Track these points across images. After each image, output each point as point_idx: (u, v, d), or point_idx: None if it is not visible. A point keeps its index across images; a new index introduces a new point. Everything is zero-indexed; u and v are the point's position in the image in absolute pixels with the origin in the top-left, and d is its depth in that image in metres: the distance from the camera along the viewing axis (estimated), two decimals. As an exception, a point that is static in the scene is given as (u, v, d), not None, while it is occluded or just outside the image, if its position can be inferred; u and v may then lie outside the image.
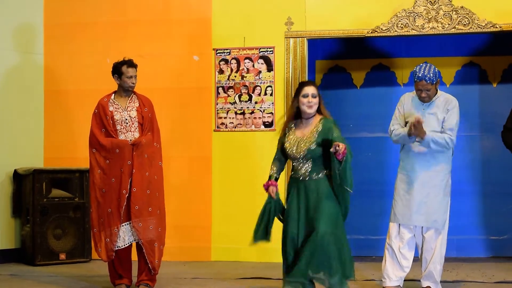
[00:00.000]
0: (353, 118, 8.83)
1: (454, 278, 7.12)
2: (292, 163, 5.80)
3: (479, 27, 7.89)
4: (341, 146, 5.30)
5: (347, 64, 8.93)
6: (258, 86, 8.49)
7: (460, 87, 8.64)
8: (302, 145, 5.61)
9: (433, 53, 8.66)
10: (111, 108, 6.64)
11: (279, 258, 8.10)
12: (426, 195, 6.28)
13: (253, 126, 8.49)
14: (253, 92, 8.51)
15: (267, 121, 8.45)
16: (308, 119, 5.70)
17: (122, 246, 6.56)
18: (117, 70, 6.69)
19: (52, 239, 8.39)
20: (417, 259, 6.53)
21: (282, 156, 5.89)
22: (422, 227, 6.35)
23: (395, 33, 8.09)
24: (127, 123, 6.62)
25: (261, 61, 8.51)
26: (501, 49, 8.57)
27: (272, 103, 8.43)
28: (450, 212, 6.43)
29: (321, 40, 8.51)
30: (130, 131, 6.62)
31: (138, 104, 6.71)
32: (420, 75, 6.19)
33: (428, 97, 6.28)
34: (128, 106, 6.68)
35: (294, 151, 5.67)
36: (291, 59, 8.36)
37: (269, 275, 7.46)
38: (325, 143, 5.54)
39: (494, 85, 8.68)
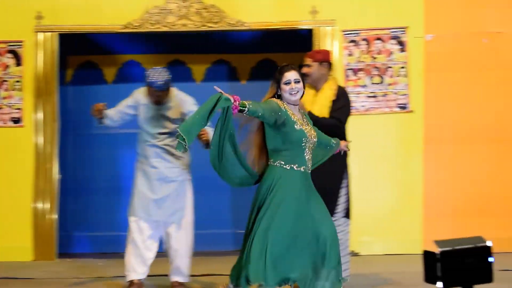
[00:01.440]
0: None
1: (202, 272, 7.23)
2: (289, 151, 4.96)
3: (229, 25, 8.28)
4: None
5: (99, 59, 8.97)
6: (6, 81, 8.31)
7: (211, 84, 8.99)
8: (310, 132, 5.03)
9: (185, 50, 8.96)
10: None
11: (25, 257, 8.00)
12: (166, 189, 6.36)
13: (1, 122, 8.28)
14: (0, 87, 8.32)
15: (15, 117, 8.28)
16: (295, 106, 5.07)
17: None
18: None
19: None
20: (163, 254, 6.58)
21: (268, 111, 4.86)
22: (166, 221, 6.39)
23: (147, 29, 8.27)
24: None
25: (9, 55, 8.32)
26: (251, 47, 9.03)
27: (21, 98, 8.28)
28: (197, 207, 6.56)
29: (73, 35, 8.45)
30: None
31: None
32: (152, 80, 6.19)
33: (161, 100, 6.32)
34: None
35: (306, 139, 4.99)
36: (41, 54, 8.27)
37: (15, 274, 7.36)
38: None
39: (243, 82, 9.16)
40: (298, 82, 5.00)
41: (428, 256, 3.46)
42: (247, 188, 5.14)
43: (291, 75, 5.00)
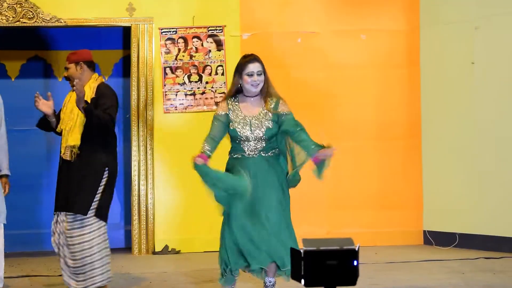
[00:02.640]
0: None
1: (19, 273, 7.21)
2: (236, 143, 5.31)
3: (44, 21, 8.20)
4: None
5: None
6: None
7: (26, 81, 8.89)
8: (256, 125, 5.22)
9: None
10: None
11: None
12: None
13: None
14: None
15: None
16: (253, 97, 5.27)
17: None
18: None
19: None
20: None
21: (218, 134, 5.34)
22: None
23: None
24: None
25: None
26: (67, 44, 8.96)
27: None
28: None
29: None
30: None
31: None
32: None
33: None
34: None
35: (247, 132, 5.22)
36: None
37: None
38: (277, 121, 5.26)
39: (60, 79, 9.05)
40: (260, 74, 5.18)
41: (294, 253, 3.56)
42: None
43: (254, 66, 5.18)
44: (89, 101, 5.83)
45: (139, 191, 8.36)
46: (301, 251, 3.48)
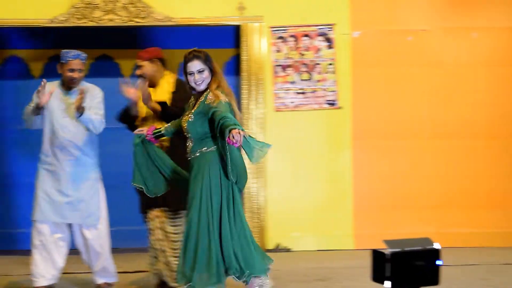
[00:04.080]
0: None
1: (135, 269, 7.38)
2: None
3: (157, 21, 8.38)
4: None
5: (26, 54, 8.93)
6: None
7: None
8: (185, 119, 5.33)
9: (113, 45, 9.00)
10: None
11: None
12: (76, 191, 6.28)
13: None
14: None
15: None
16: (201, 93, 5.27)
17: None
18: None
19: None
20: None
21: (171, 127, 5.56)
22: (81, 224, 6.35)
23: (73, 24, 8.31)
24: None
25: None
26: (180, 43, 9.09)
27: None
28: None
29: (-2, 29, 8.47)
30: None
31: None
32: (74, 53, 6.27)
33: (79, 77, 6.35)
34: None
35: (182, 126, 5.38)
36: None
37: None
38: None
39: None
40: (202, 71, 5.15)
41: (377, 255, 3.56)
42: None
43: (193, 65, 5.16)
44: (169, 96, 6.18)
45: (250, 189, 8.47)
46: (386, 252, 3.48)
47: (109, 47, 8.94)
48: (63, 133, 6.25)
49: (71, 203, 6.27)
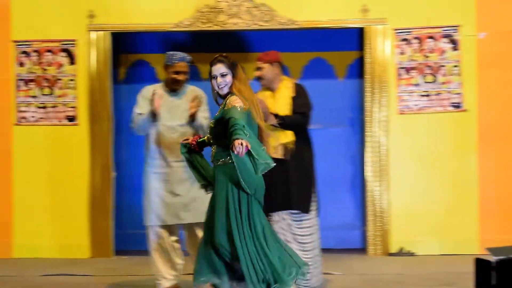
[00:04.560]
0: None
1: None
2: None
3: (280, 24, 8.48)
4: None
5: (151, 58, 9.18)
6: (60, 79, 8.56)
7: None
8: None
9: (235, 49, 9.12)
10: None
11: (82, 254, 8.29)
12: (188, 190, 6.36)
13: (55, 120, 8.55)
14: (54, 86, 8.56)
15: (70, 115, 8.55)
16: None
17: None
18: None
19: None
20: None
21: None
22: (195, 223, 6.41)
23: (198, 28, 8.50)
24: None
25: (63, 54, 8.57)
26: (301, 46, 9.17)
27: (75, 96, 8.53)
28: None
29: (125, 34, 8.73)
30: None
31: None
32: (180, 56, 6.40)
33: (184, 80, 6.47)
34: None
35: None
36: (93, 53, 8.53)
37: (73, 271, 7.61)
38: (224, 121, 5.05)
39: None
40: (225, 75, 5.11)
41: (481, 264, 3.42)
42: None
43: (216, 69, 5.13)
44: (289, 101, 6.24)
45: (373, 192, 8.46)
46: (492, 260, 3.30)
47: (232, 51, 9.06)
48: (171, 134, 6.37)
49: (184, 204, 6.38)
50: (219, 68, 5.11)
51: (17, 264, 8.16)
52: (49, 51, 8.56)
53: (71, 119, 8.53)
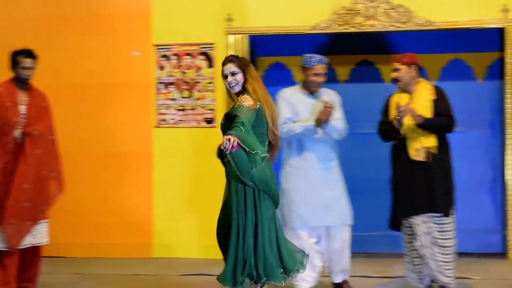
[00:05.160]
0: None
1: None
2: None
3: (418, 25, 8.41)
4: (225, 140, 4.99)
5: (288, 60, 9.29)
6: (199, 82, 8.74)
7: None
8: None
9: (372, 50, 9.13)
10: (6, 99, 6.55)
11: (219, 254, 8.42)
12: (331, 191, 6.46)
13: (194, 122, 8.72)
14: (193, 89, 8.74)
15: (208, 118, 8.71)
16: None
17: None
18: (13, 59, 6.62)
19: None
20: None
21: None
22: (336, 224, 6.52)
23: (334, 30, 8.53)
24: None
25: (201, 57, 8.76)
26: (439, 47, 9.09)
27: (213, 99, 8.70)
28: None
29: (261, 37, 8.85)
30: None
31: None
32: (319, 58, 6.51)
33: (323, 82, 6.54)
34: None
35: None
36: (231, 56, 8.67)
37: (212, 271, 7.70)
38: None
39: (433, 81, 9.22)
40: (235, 74, 5.32)
41: None
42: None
43: (227, 68, 5.35)
44: (429, 104, 6.24)
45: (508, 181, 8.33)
46: None
47: (369, 53, 9.08)
48: (319, 132, 6.43)
49: (327, 205, 6.45)
50: (230, 68, 5.35)
51: (156, 263, 8.39)
52: (188, 54, 8.77)
53: (209, 121, 8.71)
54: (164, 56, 8.80)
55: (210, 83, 8.74)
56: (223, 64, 5.41)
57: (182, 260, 8.52)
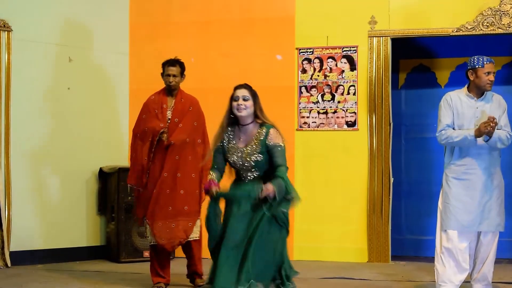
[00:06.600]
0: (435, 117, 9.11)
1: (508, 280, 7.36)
2: (235, 170, 5.51)
3: (541, 28, 8.21)
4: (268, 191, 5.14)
5: (431, 63, 9.23)
6: (341, 85, 8.84)
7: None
8: (246, 156, 5.37)
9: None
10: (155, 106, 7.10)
11: (360, 258, 8.49)
12: (489, 198, 6.36)
13: (335, 125, 8.84)
14: (335, 92, 8.86)
15: (350, 121, 8.79)
16: (246, 126, 5.45)
17: None
18: (162, 68, 7.18)
19: (137, 236, 8.78)
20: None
21: (221, 165, 5.53)
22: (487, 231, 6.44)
23: (481, 32, 8.42)
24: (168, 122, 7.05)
25: (344, 60, 8.86)
26: None
27: (355, 102, 8.77)
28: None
29: (404, 39, 8.84)
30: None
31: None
32: (487, 58, 6.37)
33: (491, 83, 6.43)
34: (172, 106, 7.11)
35: (240, 162, 5.39)
36: (374, 59, 8.72)
37: (352, 275, 7.83)
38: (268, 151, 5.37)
39: None
40: (247, 100, 5.35)
41: None
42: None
43: (240, 92, 5.39)
44: None
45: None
46: None
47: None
48: (478, 142, 6.31)
49: (484, 212, 6.39)
50: (243, 91, 5.42)
51: (296, 266, 8.50)
52: (330, 57, 8.89)
53: (351, 124, 8.80)
54: (307, 59, 8.97)
55: (352, 86, 8.82)
56: (237, 88, 5.50)
57: (322, 263, 8.64)
